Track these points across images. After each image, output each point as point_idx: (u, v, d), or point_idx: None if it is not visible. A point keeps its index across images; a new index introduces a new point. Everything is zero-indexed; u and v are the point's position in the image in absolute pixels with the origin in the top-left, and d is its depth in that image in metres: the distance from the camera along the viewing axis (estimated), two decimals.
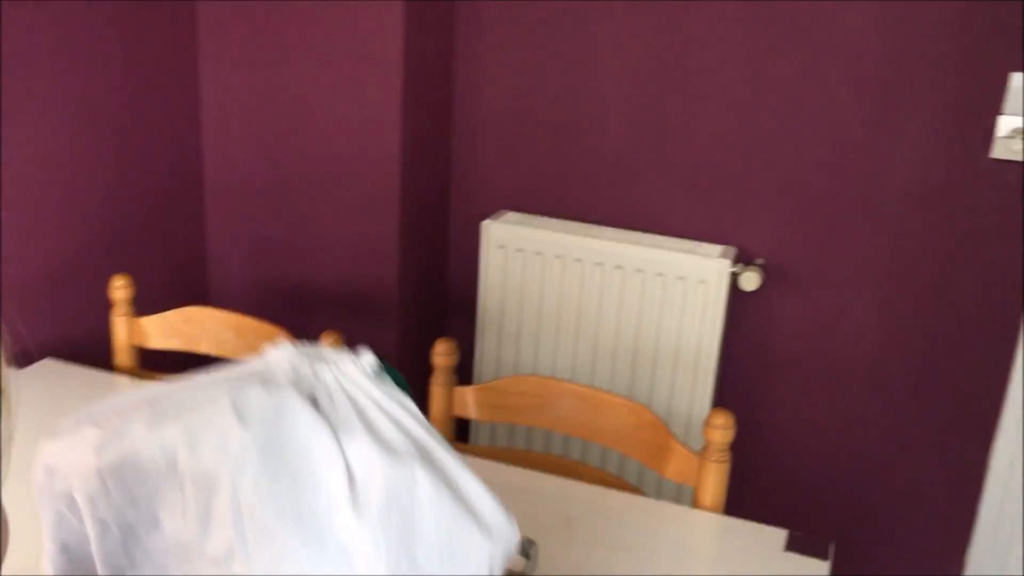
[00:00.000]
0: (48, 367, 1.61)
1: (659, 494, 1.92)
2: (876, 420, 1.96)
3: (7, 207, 1.58)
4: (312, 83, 1.95)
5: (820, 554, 1.16)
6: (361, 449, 0.58)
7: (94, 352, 1.72)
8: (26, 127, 1.60)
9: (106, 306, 1.69)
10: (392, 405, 0.61)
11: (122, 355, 1.67)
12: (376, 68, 1.89)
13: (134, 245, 1.91)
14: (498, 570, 0.55)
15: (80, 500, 0.60)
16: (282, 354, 0.65)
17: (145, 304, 1.71)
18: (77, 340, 1.74)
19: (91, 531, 0.60)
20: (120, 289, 1.64)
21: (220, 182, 2.09)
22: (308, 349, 0.66)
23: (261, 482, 0.55)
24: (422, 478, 0.55)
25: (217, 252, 2.13)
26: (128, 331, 1.66)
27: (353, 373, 0.62)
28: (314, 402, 0.61)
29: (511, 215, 2.09)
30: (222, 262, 2.13)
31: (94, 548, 0.61)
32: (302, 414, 0.59)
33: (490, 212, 2.11)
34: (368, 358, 0.64)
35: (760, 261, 1.94)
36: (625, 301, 1.95)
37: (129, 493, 0.58)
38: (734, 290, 1.92)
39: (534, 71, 2.02)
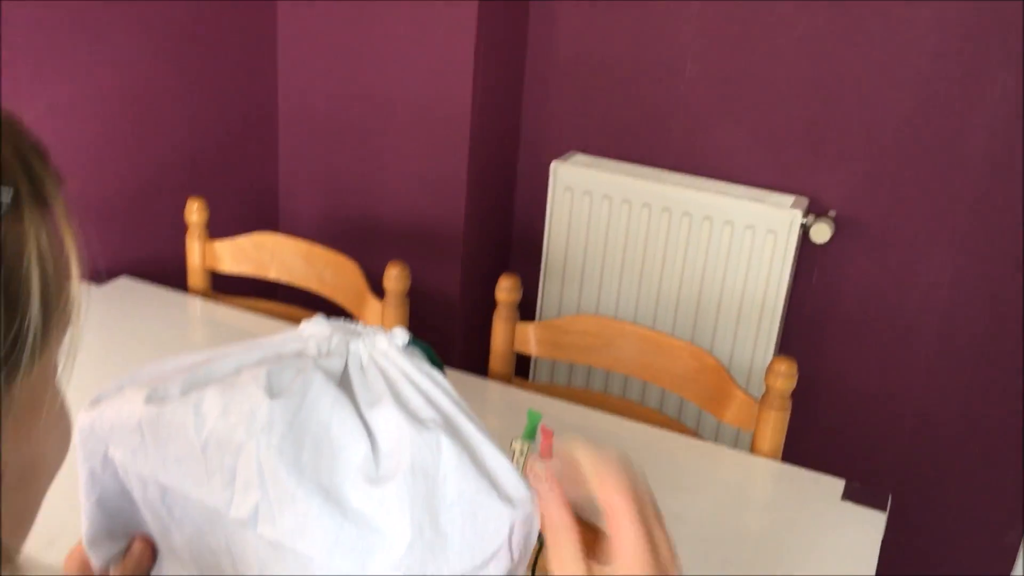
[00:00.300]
0: (124, 285, 1.66)
1: (716, 441, 1.92)
2: (941, 380, 1.93)
3: (90, 127, 1.62)
4: (388, 23, 1.95)
5: (878, 505, 1.16)
6: (388, 419, 0.59)
7: (168, 272, 1.77)
8: (110, 51, 1.63)
9: (181, 229, 1.73)
10: (422, 378, 0.62)
11: (195, 277, 1.71)
12: (452, 8, 1.88)
13: (210, 172, 1.94)
14: (517, 541, 0.55)
15: (119, 456, 0.62)
16: (317, 329, 0.66)
17: (218, 229, 1.75)
18: (153, 260, 1.79)
19: (132, 485, 0.63)
20: (195, 212, 1.68)
21: (294, 115, 2.11)
22: (342, 324, 0.67)
23: (285, 448, 0.56)
24: (446, 445, 0.55)
25: (288, 183, 2.16)
26: (201, 253, 1.70)
27: (385, 347, 0.64)
28: (346, 375, 0.62)
29: (580, 157, 2.08)
30: (293, 192, 2.17)
31: (137, 499, 0.63)
32: (329, 390, 0.61)
33: (559, 154, 2.10)
34: (400, 334, 0.65)
35: (832, 213, 1.90)
36: (691, 249, 1.93)
37: (162, 452, 0.60)
38: (804, 241, 1.89)
39: (610, 14, 1.99)
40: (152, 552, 0.67)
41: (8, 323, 0.34)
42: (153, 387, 0.62)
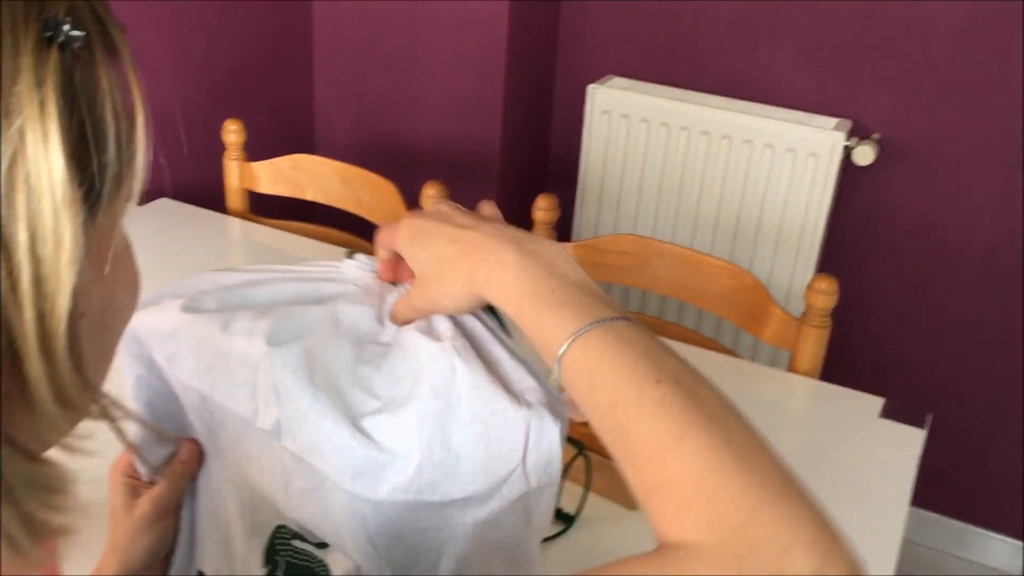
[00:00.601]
0: (164, 206, 1.67)
1: (753, 361, 1.91)
2: (984, 303, 1.90)
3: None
4: None
5: (916, 422, 1.15)
6: (407, 341, 0.58)
7: (207, 194, 1.78)
8: None
9: (219, 150, 1.73)
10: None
11: (233, 198, 1.72)
12: None
13: (246, 94, 1.94)
14: (534, 465, 0.55)
15: (160, 360, 0.62)
16: (355, 266, 0.66)
17: (256, 151, 1.75)
18: (192, 182, 1.80)
19: (176, 388, 0.63)
20: (232, 133, 1.68)
21: (329, 36, 2.09)
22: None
23: (299, 368, 0.56)
24: (460, 367, 0.55)
25: (324, 105, 2.15)
26: (239, 175, 1.70)
27: None
28: (379, 317, 0.62)
29: (617, 80, 2.04)
30: (329, 114, 2.16)
31: (183, 401, 0.64)
32: (350, 312, 0.61)
33: (597, 77, 2.07)
34: None
35: (876, 136, 1.86)
36: (730, 172, 1.90)
37: (195, 360, 0.60)
38: (846, 164, 1.85)
39: None
40: (200, 454, 0.68)
41: (89, 158, 0.36)
42: (190, 298, 0.63)
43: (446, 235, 0.58)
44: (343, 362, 0.58)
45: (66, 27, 0.34)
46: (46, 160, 0.32)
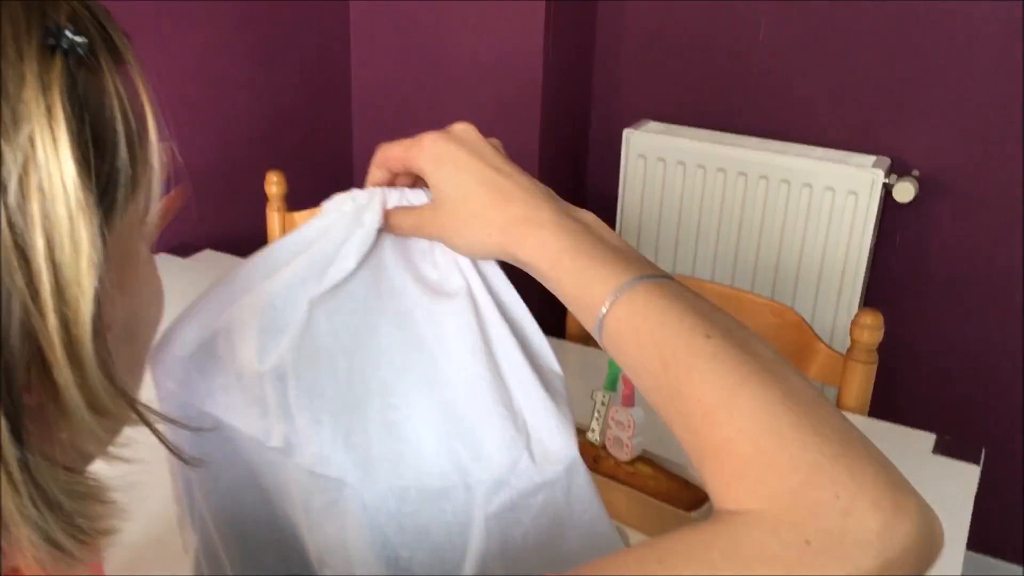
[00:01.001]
0: (208, 257, 1.70)
1: None
2: None
3: (172, 106, 1.66)
4: None
5: (971, 458, 1.12)
6: (423, 319, 0.58)
7: (250, 244, 1.80)
8: (191, 33, 1.67)
9: (262, 201, 1.76)
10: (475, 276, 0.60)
11: None
12: None
13: (288, 146, 1.98)
14: (542, 447, 0.54)
15: (173, 386, 0.61)
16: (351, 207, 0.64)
17: (296, 200, 1.78)
18: (235, 233, 1.83)
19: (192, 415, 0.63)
20: (274, 185, 1.71)
21: (367, 89, 2.14)
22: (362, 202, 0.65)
23: (302, 372, 0.55)
24: (478, 353, 0.55)
25: (363, 153, 2.19)
26: (281, 224, 1.73)
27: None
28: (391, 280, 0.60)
29: (653, 124, 2.05)
30: (367, 163, 2.19)
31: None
32: (359, 288, 0.59)
33: (632, 122, 2.08)
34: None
35: (916, 172, 1.85)
36: (768, 213, 1.89)
37: (208, 383, 0.59)
38: (886, 202, 1.84)
39: None
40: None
41: (100, 161, 0.35)
42: (199, 318, 0.61)
43: (478, 174, 0.56)
44: (350, 358, 0.55)
45: (68, 33, 0.34)
46: (58, 165, 0.33)
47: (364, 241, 0.59)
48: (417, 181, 0.61)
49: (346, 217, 0.61)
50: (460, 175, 0.56)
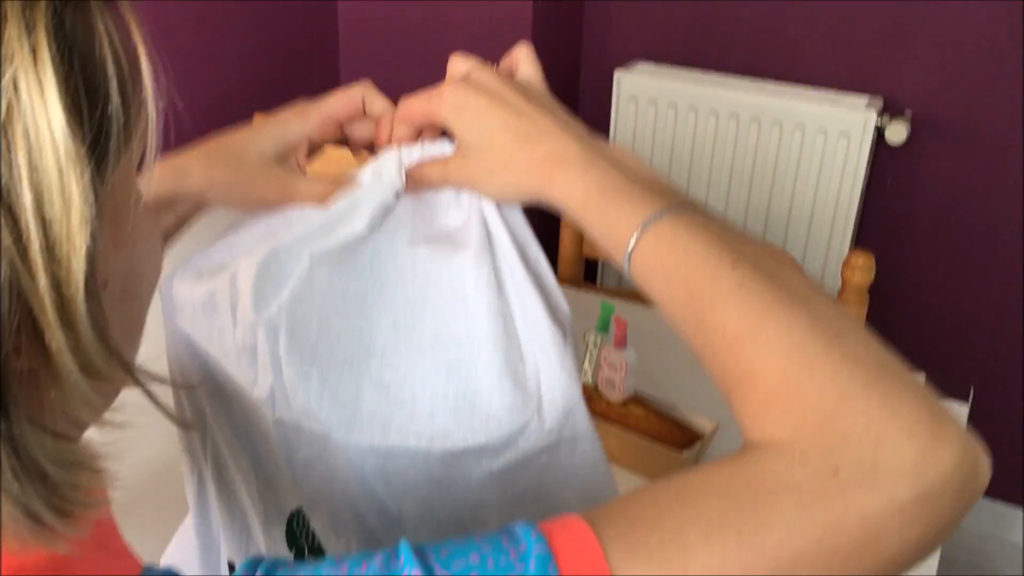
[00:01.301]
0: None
1: None
2: (1020, 285, 1.87)
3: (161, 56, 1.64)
4: None
5: (959, 395, 1.13)
6: (432, 273, 0.57)
7: None
8: None
9: None
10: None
11: None
12: None
13: (274, 93, 1.95)
14: (550, 413, 0.54)
15: (183, 324, 0.61)
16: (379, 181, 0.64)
17: None
18: None
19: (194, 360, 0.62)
20: None
21: (354, 34, 2.10)
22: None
23: (295, 326, 0.54)
24: (484, 314, 0.54)
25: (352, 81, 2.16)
26: None
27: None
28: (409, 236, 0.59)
29: (644, 66, 2.03)
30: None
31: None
32: (359, 258, 0.58)
33: (622, 63, 2.06)
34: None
35: (908, 113, 1.84)
36: (760, 156, 1.88)
37: (210, 323, 0.59)
38: (878, 144, 1.83)
39: None
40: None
41: (91, 108, 0.33)
42: (206, 261, 0.61)
43: (502, 120, 0.55)
44: (346, 314, 0.55)
45: None
46: (44, 111, 0.30)
47: (378, 205, 0.58)
48: (443, 132, 0.61)
49: (371, 186, 0.61)
50: (483, 123, 0.55)
